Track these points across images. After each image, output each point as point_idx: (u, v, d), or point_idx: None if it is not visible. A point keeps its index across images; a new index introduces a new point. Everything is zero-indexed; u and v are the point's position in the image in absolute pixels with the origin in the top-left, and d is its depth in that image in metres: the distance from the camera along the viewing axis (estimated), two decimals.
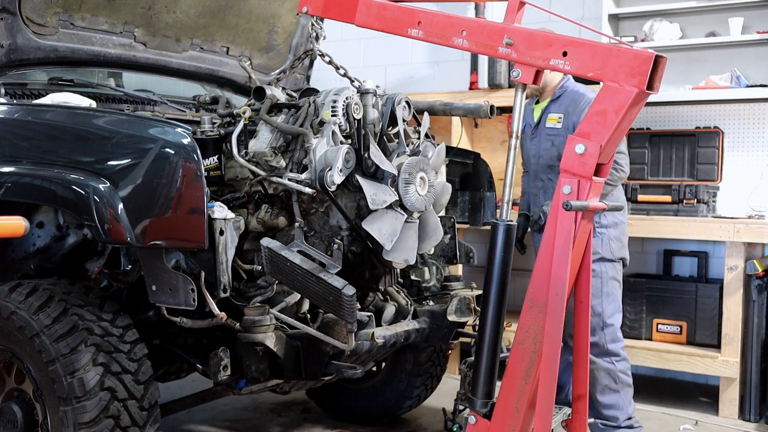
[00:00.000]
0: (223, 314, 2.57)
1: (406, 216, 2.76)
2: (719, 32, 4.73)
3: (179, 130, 2.52)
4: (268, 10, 3.86)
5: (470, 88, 5.38)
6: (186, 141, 2.48)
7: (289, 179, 2.66)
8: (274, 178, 2.68)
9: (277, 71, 4.06)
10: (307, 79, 4.25)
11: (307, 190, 2.62)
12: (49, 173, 2.64)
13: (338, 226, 2.77)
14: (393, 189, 2.72)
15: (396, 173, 2.73)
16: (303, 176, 2.63)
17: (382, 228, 2.66)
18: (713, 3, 4.67)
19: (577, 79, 3.63)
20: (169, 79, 3.80)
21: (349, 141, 2.76)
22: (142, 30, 3.50)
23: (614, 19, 4.99)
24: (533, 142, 3.72)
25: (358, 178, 2.64)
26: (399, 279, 3.25)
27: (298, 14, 3.88)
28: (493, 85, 5.06)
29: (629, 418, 3.65)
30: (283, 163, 2.71)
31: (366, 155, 2.73)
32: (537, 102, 3.81)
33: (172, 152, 2.47)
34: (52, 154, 2.73)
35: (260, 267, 2.73)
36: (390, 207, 2.70)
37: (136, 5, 3.39)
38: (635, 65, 2.07)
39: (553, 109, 3.66)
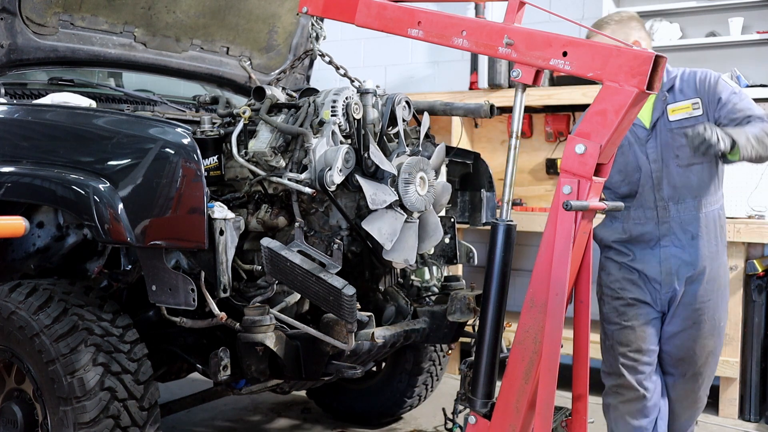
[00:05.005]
0: (223, 314, 2.57)
1: (405, 216, 2.76)
2: (719, 32, 4.73)
3: (179, 130, 2.52)
4: (268, 10, 3.86)
5: (470, 88, 5.37)
6: (186, 141, 2.48)
7: (289, 179, 2.66)
8: (274, 178, 2.68)
9: (277, 71, 4.06)
10: (307, 79, 4.25)
11: (307, 189, 2.62)
12: (49, 173, 2.64)
13: (338, 226, 2.77)
14: (393, 189, 2.72)
15: (396, 173, 2.73)
16: (303, 176, 2.63)
17: (381, 228, 2.66)
18: (713, 3, 4.67)
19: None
20: (169, 79, 3.80)
21: (349, 141, 2.76)
22: (142, 30, 3.49)
23: None
24: (650, 146, 2.99)
25: (358, 178, 2.64)
26: (399, 279, 3.25)
27: (298, 14, 3.88)
28: (493, 85, 5.05)
29: None
30: (282, 163, 2.71)
31: (366, 155, 2.72)
32: None
33: (172, 152, 2.47)
34: (52, 154, 2.73)
35: (260, 267, 2.73)
36: (390, 207, 2.70)
37: (136, 5, 3.39)
38: (635, 65, 2.07)
39: (674, 99, 3.00)
